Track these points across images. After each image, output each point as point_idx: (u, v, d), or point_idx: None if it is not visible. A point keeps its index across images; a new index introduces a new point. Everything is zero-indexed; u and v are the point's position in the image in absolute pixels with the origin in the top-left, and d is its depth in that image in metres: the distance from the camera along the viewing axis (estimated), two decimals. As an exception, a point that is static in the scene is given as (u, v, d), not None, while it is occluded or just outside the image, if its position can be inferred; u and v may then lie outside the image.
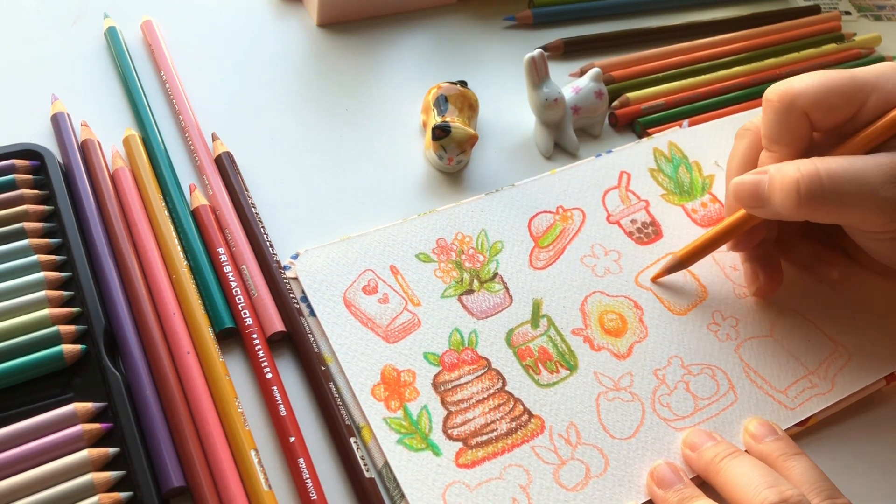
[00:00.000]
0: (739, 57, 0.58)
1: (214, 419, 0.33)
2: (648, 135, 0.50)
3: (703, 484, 0.35)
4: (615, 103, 0.52)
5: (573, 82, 0.49)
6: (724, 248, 0.44)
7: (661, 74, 0.55)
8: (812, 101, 0.36)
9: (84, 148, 0.41)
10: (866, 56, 0.60)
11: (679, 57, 0.57)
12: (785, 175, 0.35)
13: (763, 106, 0.38)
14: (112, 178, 0.40)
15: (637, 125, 0.51)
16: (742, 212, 0.39)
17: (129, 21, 0.49)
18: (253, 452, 0.32)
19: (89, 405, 0.32)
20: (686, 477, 0.35)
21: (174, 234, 0.39)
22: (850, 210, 0.35)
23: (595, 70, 0.48)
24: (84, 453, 0.30)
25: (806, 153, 0.37)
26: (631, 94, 0.52)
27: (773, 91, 0.37)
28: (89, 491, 0.29)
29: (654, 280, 0.42)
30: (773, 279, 0.41)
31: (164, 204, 0.40)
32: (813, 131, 0.37)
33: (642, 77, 0.54)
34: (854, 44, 0.60)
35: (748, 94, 0.54)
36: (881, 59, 0.59)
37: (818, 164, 0.35)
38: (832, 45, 0.60)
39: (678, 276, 0.42)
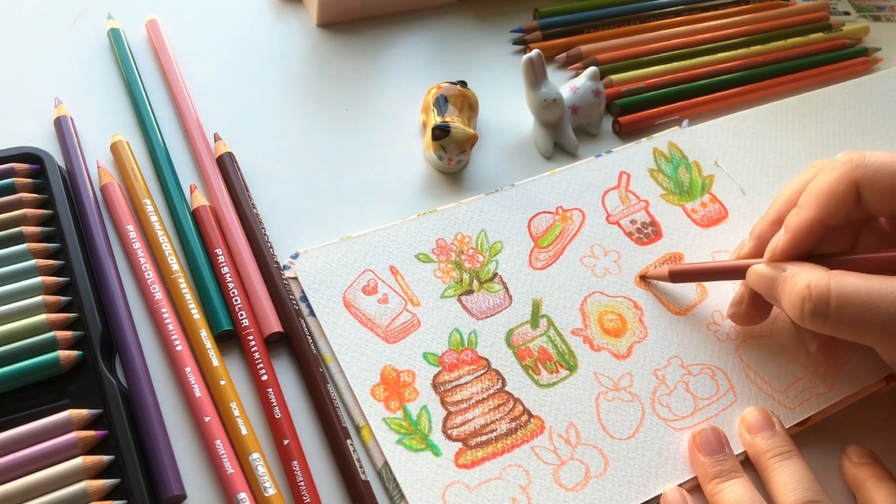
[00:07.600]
0: (726, 43, 0.58)
1: (216, 423, 0.33)
2: (622, 115, 0.50)
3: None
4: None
5: (571, 82, 0.49)
6: (723, 248, 0.44)
7: (645, 58, 0.55)
8: (869, 176, 0.34)
9: (105, 191, 0.40)
10: (852, 46, 0.59)
11: (664, 42, 0.56)
12: (795, 287, 0.33)
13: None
14: (103, 191, 0.40)
15: (614, 106, 0.50)
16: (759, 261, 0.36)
17: (127, 21, 0.49)
18: (257, 455, 0.32)
19: (84, 412, 0.31)
20: (729, 447, 0.35)
21: (168, 240, 0.38)
22: (858, 336, 0.33)
23: (592, 69, 0.48)
24: (78, 461, 0.30)
25: (839, 229, 0.35)
26: (615, 77, 0.53)
27: (844, 152, 0.35)
28: (82, 499, 0.29)
29: (641, 276, 0.42)
30: (756, 314, 0.39)
31: (156, 210, 0.40)
32: (870, 214, 0.35)
33: (627, 60, 0.54)
34: (841, 34, 0.60)
35: (732, 79, 0.54)
36: (865, 51, 0.59)
37: (833, 283, 0.32)
38: (819, 34, 0.60)
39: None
